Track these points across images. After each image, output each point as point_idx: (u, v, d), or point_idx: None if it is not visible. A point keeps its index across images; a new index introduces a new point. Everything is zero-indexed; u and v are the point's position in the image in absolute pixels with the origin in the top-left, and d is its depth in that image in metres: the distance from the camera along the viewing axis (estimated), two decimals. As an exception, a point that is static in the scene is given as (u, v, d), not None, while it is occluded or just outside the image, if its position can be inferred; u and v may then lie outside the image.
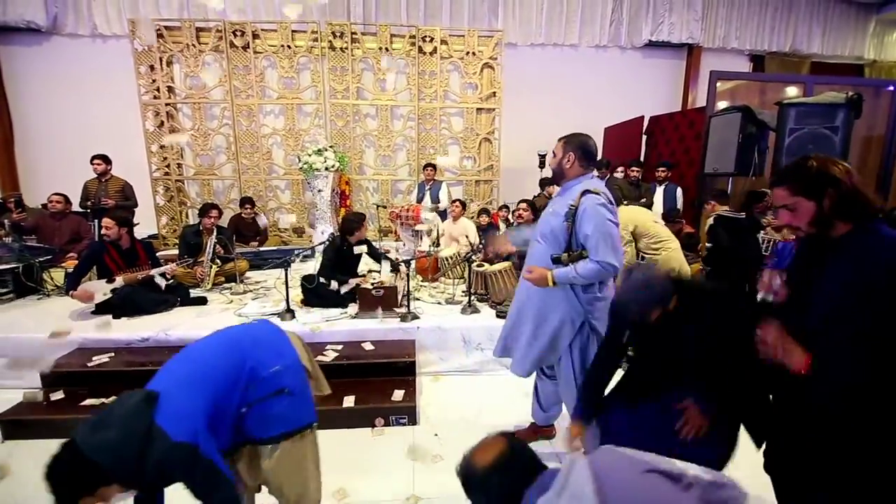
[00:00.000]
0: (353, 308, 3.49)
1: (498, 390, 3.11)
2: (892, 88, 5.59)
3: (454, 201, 4.90)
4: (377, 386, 2.85)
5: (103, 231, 3.49)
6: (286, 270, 3.40)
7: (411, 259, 3.59)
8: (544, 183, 5.48)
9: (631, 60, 8.01)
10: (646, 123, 6.78)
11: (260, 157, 6.11)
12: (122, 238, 3.58)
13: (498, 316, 3.42)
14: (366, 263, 4.07)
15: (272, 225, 6.30)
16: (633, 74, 8.01)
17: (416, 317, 3.38)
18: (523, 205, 3.90)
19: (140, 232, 6.01)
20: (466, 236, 4.35)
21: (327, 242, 3.73)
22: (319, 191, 5.67)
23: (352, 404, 2.65)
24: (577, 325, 2.01)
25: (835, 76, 7.79)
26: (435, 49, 5.97)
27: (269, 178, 6.23)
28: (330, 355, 2.99)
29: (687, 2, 7.71)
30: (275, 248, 5.41)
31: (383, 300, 3.39)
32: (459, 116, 6.33)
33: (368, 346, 3.12)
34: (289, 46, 5.84)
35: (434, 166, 5.73)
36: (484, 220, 5.48)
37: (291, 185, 6.27)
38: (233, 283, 4.42)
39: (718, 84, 5.83)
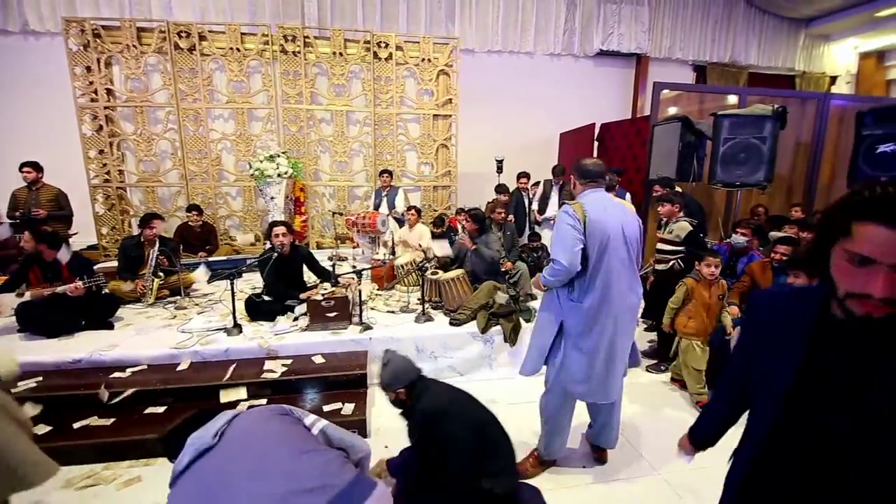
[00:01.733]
0: (304, 320, 3.42)
1: (450, 398, 3.15)
2: (817, 100, 6.05)
3: (409, 209, 4.90)
4: (327, 400, 2.81)
5: (22, 243, 3.28)
6: (232, 283, 3.30)
7: (362, 270, 3.55)
8: (499, 189, 5.56)
9: (584, 68, 8.28)
10: (597, 130, 7.01)
11: (209, 162, 5.89)
12: (45, 252, 3.37)
13: (451, 324, 3.44)
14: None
15: (222, 233, 6.09)
16: (587, 82, 8.29)
17: (368, 327, 3.35)
18: (462, 216, 3.95)
19: (79, 242, 5.69)
20: (420, 244, 4.35)
21: (264, 257, 3.61)
22: (272, 198, 5.53)
23: (299, 421, 2.60)
24: (556, 327, 2.19)
25: (768, 87, 8.35)
26: (390, 55, 5.96)
27: (218, 184, 6.01)
28: (278, 370, 2.92)
29: (634, 14, 8.06)
30: (224, 257, 5.22)
31: (334, 312, 3.35)
32: (416, 122, 6.34)
33: (319, 360, 3.07)
34: (238, 49, 5.67)
35: (390, 172, 5.71)
36: (437, 230, 5.49)
37: (243, 191, 6.08)
38: (178, 297, 4.24)
39: (665, 91, 6.15)
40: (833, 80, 9.51)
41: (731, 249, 3.53)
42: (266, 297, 3.60)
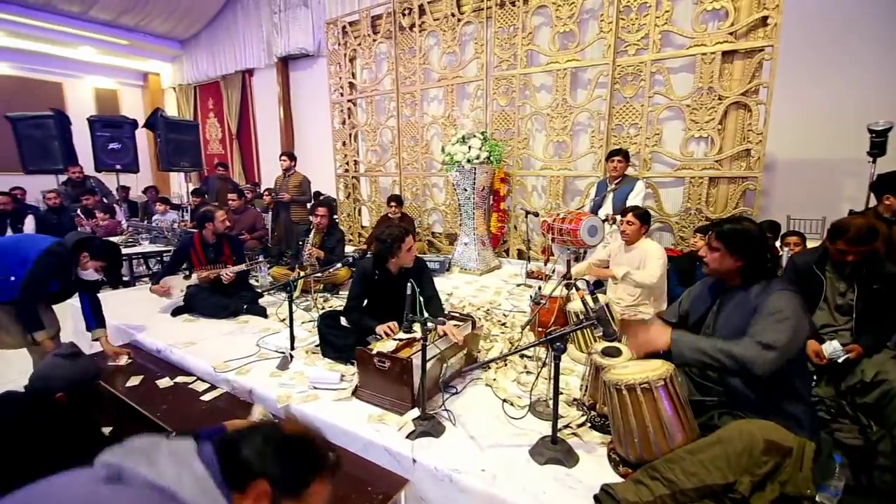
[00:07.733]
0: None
1: None
2: None
3: (627, 211, 2.74)
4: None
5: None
6: (290, 299, 2.34)
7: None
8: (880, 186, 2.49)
9: None
10: None
11: (419, 150, 5.37)
12: (207, 234, 3.37)
13: (605, 496, 1.34)
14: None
15: (426, 228, 5.49)
16: None
17: (427, 432, 1.70)
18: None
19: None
20: (622, 275, 2.20)
21: (356, 261, 2.45)
22: (464, 189, 4.45)
23: None
24: None
25: None
26: (652, -36, 3.72)
27: (427, 174, 5.42)
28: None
29: None
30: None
31: (389, 378, 1.87)
32: (686, 72, 3.82)
33: (324, 464, 1.69)
34: (453, 14, 4.81)
35: (625, 154, 3.57)
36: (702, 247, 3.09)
37: (447, 183, 5.26)
38: (327, 294, 3.77)
39: None
40: None
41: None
42: (343, 322, 2.48)
